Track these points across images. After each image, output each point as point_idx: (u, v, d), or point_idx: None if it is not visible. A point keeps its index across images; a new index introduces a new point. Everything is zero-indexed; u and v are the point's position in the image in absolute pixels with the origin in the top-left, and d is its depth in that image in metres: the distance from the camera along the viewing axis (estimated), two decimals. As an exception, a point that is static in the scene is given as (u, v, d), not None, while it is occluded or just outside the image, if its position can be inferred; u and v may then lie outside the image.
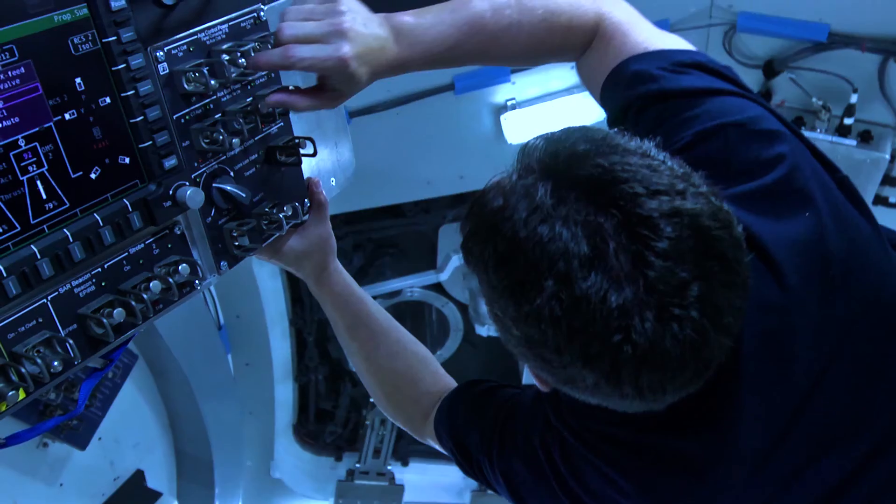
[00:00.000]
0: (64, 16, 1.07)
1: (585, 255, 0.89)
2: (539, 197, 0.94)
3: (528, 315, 0.94)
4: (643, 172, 0.93)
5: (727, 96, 1.24)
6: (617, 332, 0.89)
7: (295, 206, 1.46)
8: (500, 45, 1.37)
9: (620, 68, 1.32)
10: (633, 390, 0.94)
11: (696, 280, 0.89)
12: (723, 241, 0.93)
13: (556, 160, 0.97)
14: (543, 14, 1.36)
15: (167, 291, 1.24)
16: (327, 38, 1.24)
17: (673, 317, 0.89)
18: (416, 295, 4.83)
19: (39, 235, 1.10)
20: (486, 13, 1.34)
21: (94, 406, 2.92)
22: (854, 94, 3.41)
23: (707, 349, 0.93)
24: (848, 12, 3.29)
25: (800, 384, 1.13)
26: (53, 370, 1.10)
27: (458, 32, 1.33)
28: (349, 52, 1.23)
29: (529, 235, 0.93)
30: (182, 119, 1.26)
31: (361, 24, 1.26)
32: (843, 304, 1.13)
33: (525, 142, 1.03)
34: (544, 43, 1.40)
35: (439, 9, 1.35)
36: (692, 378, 0.97)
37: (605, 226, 0.90)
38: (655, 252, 0.88)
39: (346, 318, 1.72)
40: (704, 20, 3.52)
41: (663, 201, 0.90)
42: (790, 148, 1.17)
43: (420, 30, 1.32)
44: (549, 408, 1.29)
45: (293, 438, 5.09)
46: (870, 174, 3.58)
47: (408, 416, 1.76)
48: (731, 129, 1.18)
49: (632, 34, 1.36)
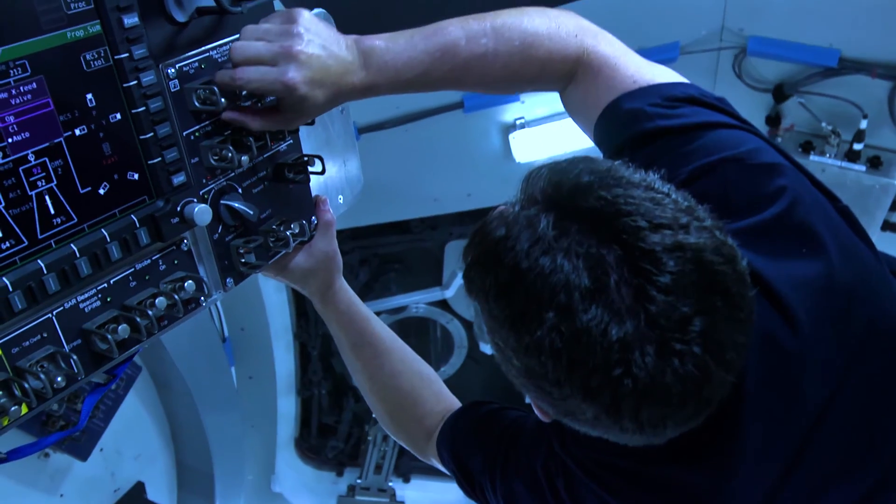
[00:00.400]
0: (77, 32, 1.07)
1: (587, 288, 0.89)
2: (541, 228, 0.93)
3: (528, 346, 0.94)
4: (646, 206, 0.92)
5: (723, 129, 1.22)
6: (617, 366, 0.88)
7: (302, 224, 1.46)
8: (473, 72, 1.35)
9: (613, 107, 1.31)
10: (633, 424, 0.94)
11: (699, 315, 0.89)
12: (726, 275, 0.92)
13: (559, 191, 0.96)
14: (521, 45, 1.34)
15: (172, 308, 1.23)
16: (275, 60, 1.21)
17: (674, 352, 0.88)
18: (420, 311, 4.83)
19: (46, 250, 1.09)
20: (461, 40, 1.31)
21: (96, 417, 2.92)
22: (864, 119, 3.41)
23: (709, 386, 0.92)
24: (859, 38, 3.29)
25: (806, 418, 1.12)
26: (56, 386, 1.09)
27: (430, 58, 1.31)
28: (296, 77, 1.20)
29: (531, 267, 0.92)
30: (192, 136, 1.26)
31: (319, 46, 1.22)
32: (847, 336, 1.12)
33: (529, 170, 1.03)
34: (520, 73, 1.37)
35: (412, 33, 1.32)
36: (693, 414, 0.96)
37: (607, 258, 0.89)
38: (657, 286, 0.88)
39: (350, 336, 1.71)
40: (715, 43, 3.52)
41: (666, 235, 0.90)
42: (790, 180, 1.16)
43: (391, 54, 1.29)
44: (553, 435, 1.28)
45: (295, 452, 5.08)
46: (879, 200, 3.57)
47: (411, 436, 1.75)
48: (729, 164, 1.17)
49: (620, 68, 1.34)
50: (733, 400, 1.04)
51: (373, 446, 5.09)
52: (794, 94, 3.55)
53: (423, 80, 1.33)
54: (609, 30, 1.41)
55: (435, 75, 1.32)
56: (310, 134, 1.55)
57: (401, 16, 1.35)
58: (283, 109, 1.26)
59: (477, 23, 1.33)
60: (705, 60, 3.56)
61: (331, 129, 1.65)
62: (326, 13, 1.50)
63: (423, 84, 1.34)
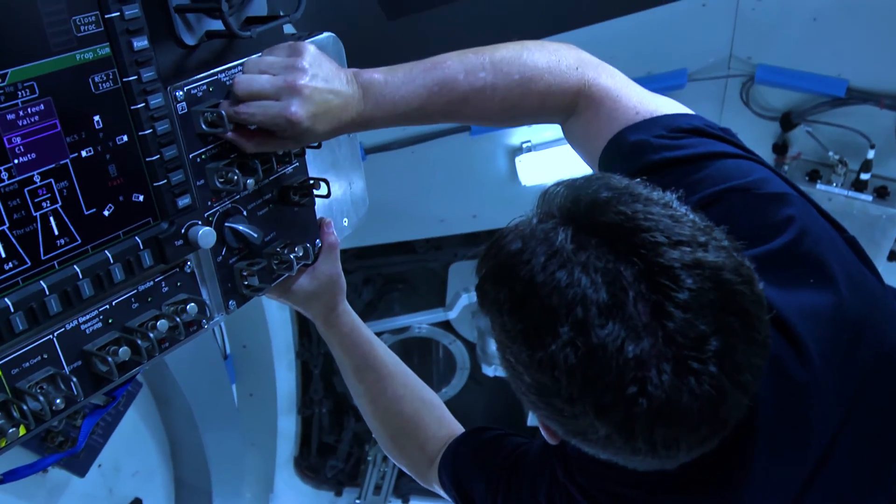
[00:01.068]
0: (86, 54, 1.08)
1: (604, 303, 0.87)
2: (559, 242, 0.92)
3: (541, 362, 0.92)
4: (665, 222, 0.91)
5: (729, 159, 1.22)
6: (632, 384, 0.87)
7: (306, 247, 1.45)
8: (472, 106, 1.35)
9: (617, 139, 1.30)
10: (646, 445, 0.91)
11: (716, 334, 0.87)
12: (744, 295, 0.91)
13: (577, 206, 0.95)
14: (520, 79, 1.34)
15: (174, 330, 1.23)
16: (279, 94, 1.23)
17: (691, 370, 0.87)
18: (423, 331, 4.81)
19: (49, 271, 1.09)
20: (459, 74, 1.32)
21: (95, 433, 2.91)
22: (871, 149, 3.41)
23: (724, 407, 0.90)
24: (867, 68, 3.29)
25: (814, 449, 1.11)
26: (55, 407, 1.09)
27: (427, 92, 1.32)
28: (300, 112, 1.22)
29: (547, 280, 0.91)
30: (198, 158, 1.26)
31: (322, 80, 1.24)
32: (855, 366, 1.11)
33: (545, 187, 1.02)
34: (519, 106, 1.37)
35: (411, 67, 1.33)
36: (708, 436, 0.94)
37: (625, 274, 0.88)
38: (675, 303, 0.86)
39: (353, 359, 1.71)
40: (723, 71, 3.53)
41: (685, 252, 0.89)
42: (797, 210, 1.16)
43: (389, 87, 1.30)
44: (557, 462, 1.27)
45: (294, 471, 5.05)
46: (885, 230, 3.56)
47: (412, 461, 1.74)
48: (736, 193, 1.17)
49: (622, 100, 1.34)
50: (743, 429, 1.03)
51: (372, 467, 5.06)
52: (801, 123, 3.55)
53: (421, 113, 1.34)
54: (618, 56, 1.41)
55: (432, 109, 1.33)
56: (316, 157, 1.55)
57: (402, 46, 1.35)
58: (281, 138, 1.28)
59: (476, 57, 1.34)
60: (713, 88, 3.56)
61: (337, 152, 1.65)
62: (336, 37, 1.51)
63: (420, 117, 1.35)
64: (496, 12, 3.13)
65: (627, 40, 2.36)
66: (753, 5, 3.30)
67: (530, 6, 3.15)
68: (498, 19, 3.16)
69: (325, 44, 1.48)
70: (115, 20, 1.09)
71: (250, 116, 1.23)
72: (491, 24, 3.15)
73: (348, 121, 1.29)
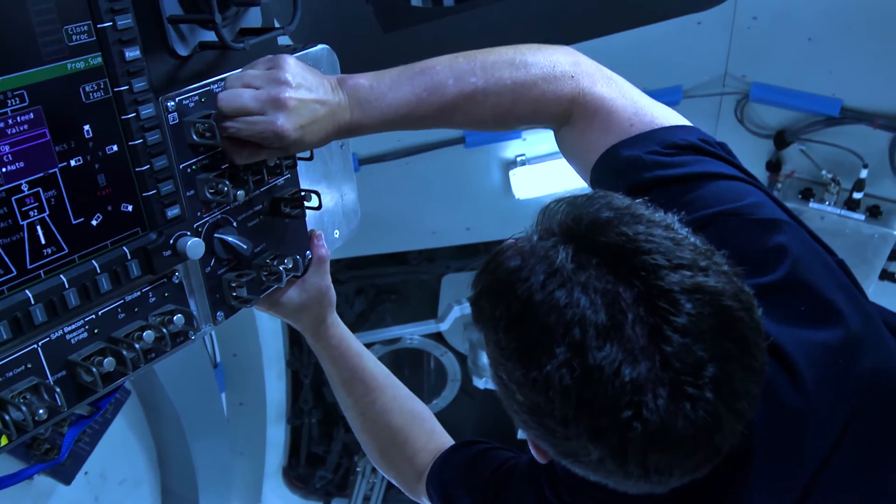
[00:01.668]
0: (77, 63, 1.07)
1: (602, 325, 0.86)
2: (559, 261, 0.91)
3: (535, 381, 0.90)
4: (667, 245, 0.90)
5: (723, 181, 1.21)
6: (628, 408, 0.86)
7: (296, 259, 1.45)
8: (462, 111, 1.32)
9: (610, 154, 1.28)
10: (638, 470, 0.90)
11: (714, 360, 0.87)
12: (743, 322, 0.90)
13: (578, 225, 0.94)
14: (512, 85, 1.31)
15: (160, 341, 1.22)
16: (264, 109, 1.21)
17: (686, 396, 0.86)
18: (415, 343, 4.81)
19: (35, 280, 1.08)
20: (449, 79, 1.29)
21: (82, 441, 2.88)
22: (864, 168, 3.43)
23: (720, 434, 0.89)
24: (861, 89, 3.32)
25: (806, 473, 1.10)
26: (38, 418, 1.08)
27: (416, 98, 1.29)
28: (287, 125, 1.20)
29: (545, 299, 0.90)
30: (188, 169, 1.26)
31: (306, 90, 1.23)
32: (848, 392, 1.10)
33: (546, 203, 1.01)
34: (511, 113, 1.34)
35: (398, 72, 1.31)
36: (702, 462, 0.93)
37: (624, 296, 0.87)
38: (674, 327, 0.86)
39: (342, 372, 1.70)
40: (718, 88, 3.55)
41: (685, 276, 0.88)
42: (789, 238, 1.15)
43: (375, 93, 1.28)
44: (545, 479, 1.26)
45: (282, 481, 5.02)
46: (878, 249, 3.58)
47: (401, 474, 1.73)
48: (728, 218, 1.16)
49: (616, 111, 1.31)
50: (734, 456, 1.03)
51: (361, 478, 5.04)
52: (795, 141, 3.57)
53: (410, 119, 1.31)
54: (614, 72, 1.39)
55: (422, 114, 1.31)
56: (308, 168, 1.54)
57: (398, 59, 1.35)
58: (270, 149, 1.26)
59: (466, 62, 1.31)
60: (708, 105, 3.58)
61: (329, 163, 1.64)
62: (330, 49, 1.51)
63: (409, 123, 1.32)
64: (492, 27, 3.15)
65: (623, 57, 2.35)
66: (749, 24, 3.32)
67: (526, 22, 3.16)
68: (494, 34, 3.16)
69: (320, 56, 1.48)
70: (107, 30, 1.08)
71: (237, 132, 1.22)
72: (487, 38, 3.15)
73: (335, 128, 1.27)
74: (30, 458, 2.61)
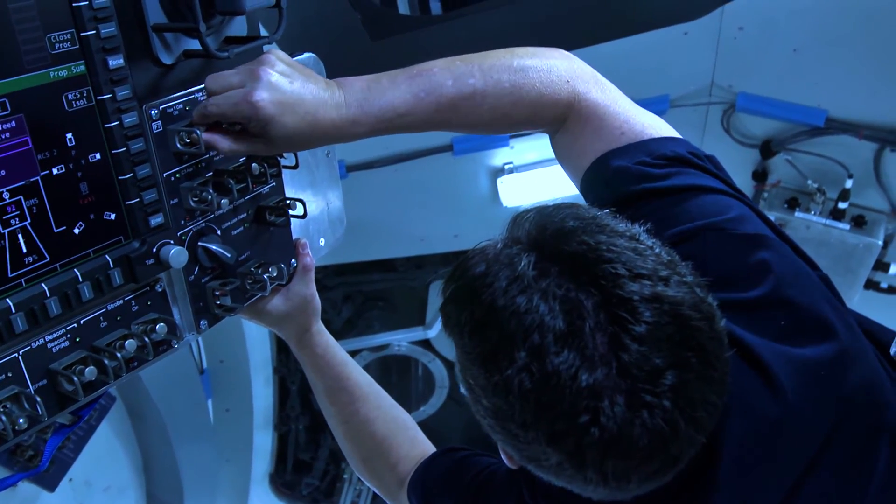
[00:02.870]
0: (60, 72, 1.07)
1: (561, 331, 0.88)
2: (521, 267, 0.92)
3: (496, 385, 0.92)
4: (628, 255, 0.92)
5: (708, 195, 1.21)
6: (585, 413, 0.87)
7: (280, 268, 1.44)
8: (461, 113, 1.30)
9: (599, 163, 1.29)
10: (596, 476, 0.91)
11: (671, 369, 0.87)
12: (702, 332, 0.91)
13: (542, 233, 0.96)
14: (511, 87, 1.29)
15: (142, 350, 1.22)
16: (243, 82, 1.19)
17: (644, 404, 0.87)
18: (403, 349, 4.80)
19: (16, 289, 1.08)
20: (447, 80, 1.28)
21: (66, 448, 2.87)
22: (849, 178, 3.45)
23: (676, 443, 0.90)
24: (846, 100, 3.34)
25: (786, 486, 1.10)
26: (18, 427, 1.07)
27: (414, 99, 1.26)
28: (263, 96, 1.16)
29: (507, 305, 0.91)
30: (172, 177, 1.25)
31: (290, 74, 1.21)
32: (831, 406, 1.11)
33: (518, 210, 1.03)
34: (509, 115, 1.33)
35: (395, 74, 1.28)
36: (660, 470, 0.93)
37: (584, 303, 0.89)
38: (632, 335, 0.87)
39: (326, 380, 1.69)
40: (704, 98, 3.57)
41: (645, 285, 0.89)
42: (772, 254, 1.15)
43: (373, 94, 1.25)
44: (524, 484, 1.26)
45: (269, 488, 5.01)
46: (862, 259, 3.60)
47: (383, 482, 1.73)
48: (711, 232, 1.17)
49: (608, 118, 1.31)
50: (707, 462, 1.03)
51: (348, 485, 5.03)
52: (780, 151, 3.59)
53: (408, 120, 1.28)
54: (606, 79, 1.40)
55: (420, 116, 1.29)
56: (294, 176, 1.55)
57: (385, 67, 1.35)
58: (252, 132, 1.21)
59: (464, 64, 1.30)
60: (694, 115, 3.60)
61: (315, 172, 1.64)
62: (316, 58, 1.51)
63: (407, 125, 1.30)
64: (479, 35, 3.15)
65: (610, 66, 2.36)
66: (735, 34, 3.34)
67: (514, 30, 3.17)
68: (481, 42, 3.16)
69: (307, 63, 1.48)
70: (90, 38, 1.08)
71: (217, 107, 1.18)
72: (475, 46, 3.15)
73: (328, 123, 1.23)
74: (13, 465, 2.59)
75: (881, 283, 3.76)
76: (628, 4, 3.30)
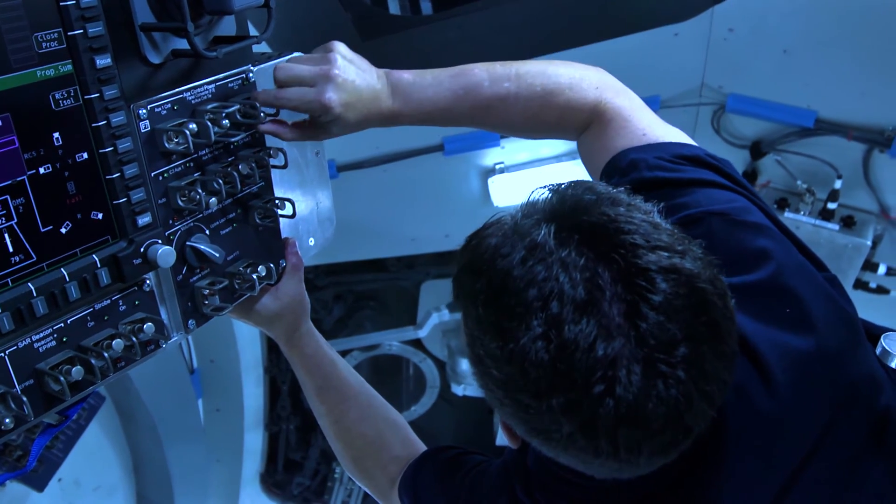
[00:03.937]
0: (47, 71, 1.06)
1: (580, 300, 0.88)
2: (541, 237, 0.92)
3: (511, 353, 0.91)
4: (645, 227, 0.92)
5: (717, 189, 1.24)
6: (601, 382, 0.87)
7: (269, 267, 1.44)
8: (494, 114, 1.43)
9: (619, 157, 1.33)
10: (608, 447, 0.91)
11: (686, 340, 0.88)
12: (716, 307, 0.91)
13: (562, 205, 0.96)
14: (542, 91, 1.41)
15: (130, 350, 1.21)
16: (315, 81, 1.33)
17: (659, 373, 0.87)
18: (394, 349, 4.80)
19: (2, 289, 1.07)
20: (485, 82, 1.41)
21: (55, 448, 2.85)
22: (838, 179, 3.46)
23: (690, 413, 0.90)
24: (835, 101, 3.35)
25: (779, 482, 1.11)
26: (4, 427, 1.07)
27: (453, 96, 1.40)
28: (333, 97, 1.31)
29: (525, 273, 0.91)
30: (160, 176, 1.25)
31: (354, 73, 1.34)
32: (826, 403, 1.11)
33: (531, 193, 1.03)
34: (538, 118, 1.44)
35: (440, 71, 1.42)
36: (671, 442, 0.93)
37: (602, 274, 0.89)
38: (650, 304, 0.87)
39: (316, 380, 1.69)
40: (694, 99, 3.58)
41: (662, 256, 0.90)
42: (773, 243, 1.17)
43: (417, 88, 1.40)
44: (518, 481, 1.26)
45: (260, 488, 5.00)
46: (851, 259, 3.61)
47: (374, 482, 1.72)
48: (714, 217, 1.18)
49: (632, 121, 1.38)
50: (712, 457, 1.03)
51: (339, 484, 5.03)
52: (770, 152, 3.61)
53: (446, 115, 1.43)
54: (636, 94, 1.45)
55: (457, 112, 1.42)
56: (283, 176, 1.54)
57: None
58: (314, 125, 1.38)
59: (503, 68, 1.43)
60: (685, 115, 3.61)
61: (305, 171, 1.64)
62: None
63: (445, 119, 1.44)
64: (470, 35, 3.16)
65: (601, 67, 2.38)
66: (725, 35, 3.35)
67: (504, 31, 3.17)
68: (472, 42, 3.18)
69: (295, 64, 1.48)
70: (78, 37, 1.08)
71: (288, 101, 1.33)
72: (465, 46, 3.17)
73: (376, 113, 1.39)
74: (1, 465, 2.58)
75: (870, 283, 3.78)
76: (618, 5, 3.31)
